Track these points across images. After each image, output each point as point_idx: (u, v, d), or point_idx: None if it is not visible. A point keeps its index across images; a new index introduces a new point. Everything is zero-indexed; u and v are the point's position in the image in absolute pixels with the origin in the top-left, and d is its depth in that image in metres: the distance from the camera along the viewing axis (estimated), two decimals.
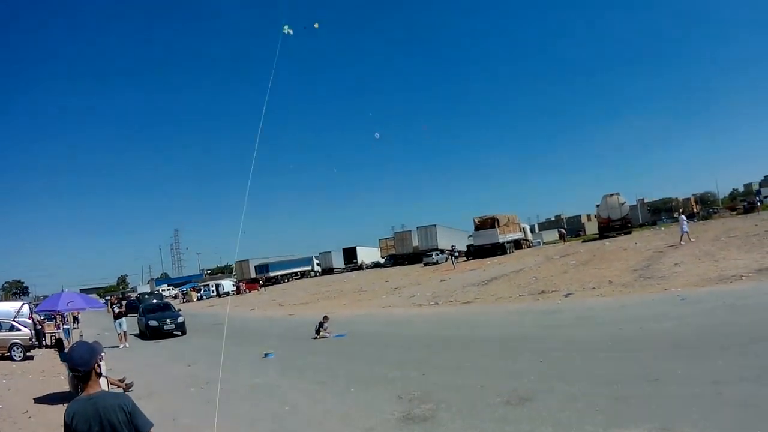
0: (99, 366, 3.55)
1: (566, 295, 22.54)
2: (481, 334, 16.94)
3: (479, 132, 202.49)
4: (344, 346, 18.55)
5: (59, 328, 30.21)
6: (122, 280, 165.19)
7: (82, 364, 3.43)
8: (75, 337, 23.40)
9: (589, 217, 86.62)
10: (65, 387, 14.45)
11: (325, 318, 21.52)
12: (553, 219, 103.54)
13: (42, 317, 30.70)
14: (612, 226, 49.98)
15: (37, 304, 38.77)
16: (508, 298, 25.04)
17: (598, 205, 51.54)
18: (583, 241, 51.71)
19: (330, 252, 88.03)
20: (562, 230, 70.31)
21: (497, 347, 14.07)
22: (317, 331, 20.92)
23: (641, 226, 59.01)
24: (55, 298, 16.77)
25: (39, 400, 14.27)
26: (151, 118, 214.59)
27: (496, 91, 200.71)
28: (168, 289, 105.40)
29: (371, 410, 9.70)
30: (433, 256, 58.98)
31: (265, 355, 17.86)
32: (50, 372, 19.60)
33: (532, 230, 63.60)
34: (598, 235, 52.58)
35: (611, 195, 50.45)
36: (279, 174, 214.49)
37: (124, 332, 26.25)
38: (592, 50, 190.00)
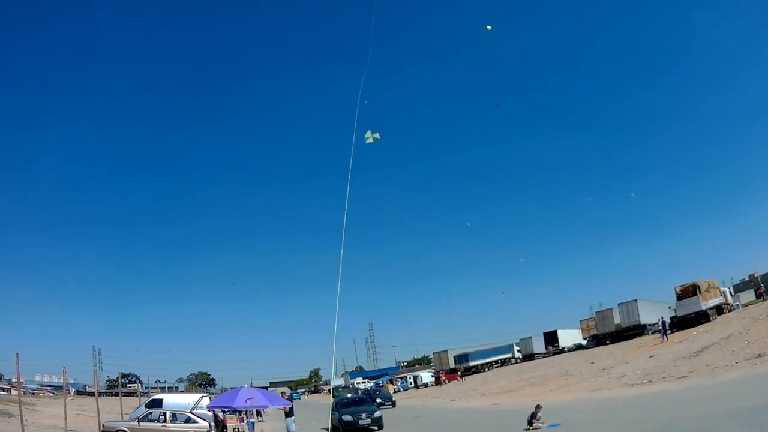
0: None
1: None
2: (707, 411, 15.68)
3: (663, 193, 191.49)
4: None
5: (243, 422, 28.96)
6: (314, 373, 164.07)
7: None
8: (257, 431, 23.31)
9: None
10: None
11: (538, 407, 20.28)
12: (746, 279, 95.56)
13: (226, 410, 30.59)
14: None
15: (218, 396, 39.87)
16: (724, 367, 23.57)
17: None
18: None
19: (530, 337, 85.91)
20: (761, 288, 65.31)
21: (733, 423, 12.98)
22: (529, 422, 19.65)
23: None
24: (233, 393, 16.12)
25: None
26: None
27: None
28: (363, 382, 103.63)
29: None
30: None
31: None
32: None
33: (730, 293, 59.55)
34: None
35: None
36: (466, 266, 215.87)
37: None
38: None
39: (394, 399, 46.89)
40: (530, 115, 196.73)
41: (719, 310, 51.53)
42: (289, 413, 24.64)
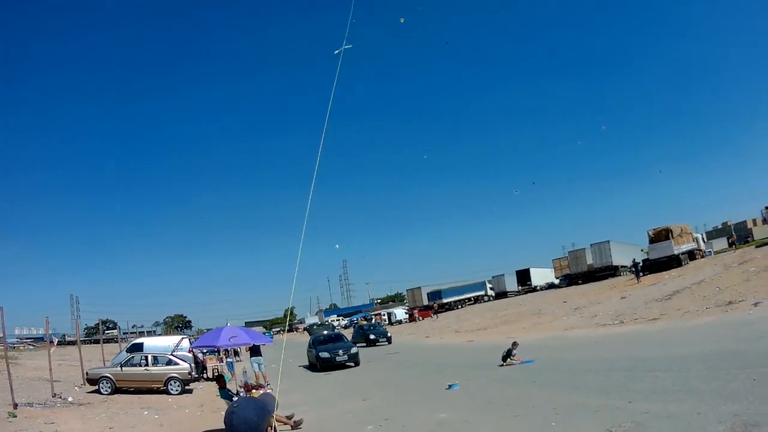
0: (274, 428, 2.86)
1: (755, 304, 21.39)
2: (679, 353, 15.75)
3: (636, 134, 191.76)
4: (535, 373, 17.11)
5: (222, 362, 29.14)
6: (290, 312, 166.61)
7: (247, 430, 2.84)
8: (238, 370, 23.05)
9: (755, 221, 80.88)
10: (221, 424, 14.31)
11: (514, 344, 20.25)
12: (719, 227, 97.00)
13: (205, 351, 30.24)
14: None
15: (197, 338, 38.09)
16: (695, 312, 23.88)
17: (766, 208, 47.98)
18: (756, 246, 48.45)
19: (503, 275, 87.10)
20: (733, 237, 66.31)
21: (701, 366, 12.98)
22: (504, 358, 19.74)
23: None
24: (216, 333, 15.98)
25: None
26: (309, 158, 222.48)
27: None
28: (338, 320, 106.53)
29: None
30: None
31: (449, 386, 16.39)
32: (209, 406, 19.33)
33: (702, 240, 60.30)
34: None
35: None
36: (447, 196, 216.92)
37: (263, 373, 23.86)
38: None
39: (389, 335, 45.08)
40: (505, 58, 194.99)
41: (691, 255, 52.21)
42: (254, 352, 24.47)
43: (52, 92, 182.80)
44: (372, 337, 43.85)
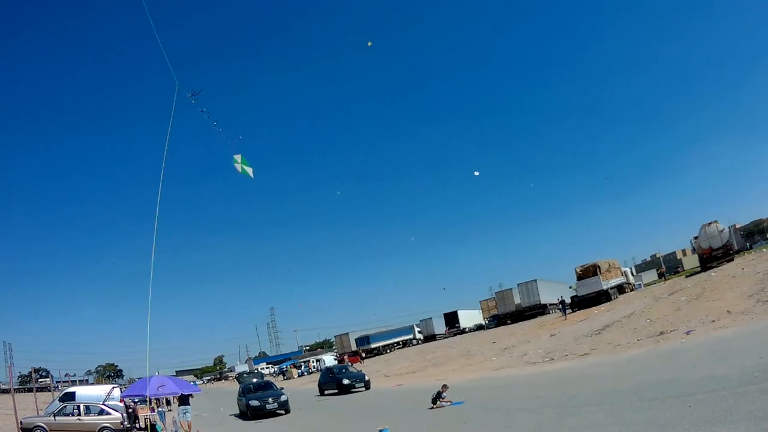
0: None
1: (687, 333, 21.32)
2: (611, 387, 15.52)
3: (561, 169, 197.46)
4: (466, 414, 16.62)
5: (153, 411, 28.05)
6: (219, 360, 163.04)
7: None
8: (168, 420, 23.53)
9: (684, 252, 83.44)
10: None
11: (444, 387, 19.85)
12: (648, 259, 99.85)
13: (136, 400, 29.42)
14: (714, 256, 46.59)
15: (128, 387, 37.64)
16: (626, 344, 23.82)
17: (695, 238, 48.31)
18: (686, 276, 49.36)
19: (431, 318, 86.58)
20: (662, 269, 67.81)
21: (634, 398, 12.77)
22: (434, 401, 19.29)
23: (737, 252, 55.58)
24: (144, 382, 16.13)
25: None
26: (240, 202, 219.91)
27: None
28: (267, 368, 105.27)
29: None
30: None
31: (380, 431, 15.89)
32: None
33: (631, 273, 61.32)
34: (699, 268, 49.18)
35: (709, 224, 46.98)
36: (372, 238, 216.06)
37: (188, 422, 22.93)
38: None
39: (368, 379, 34.36)
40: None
41: (620, 289, 52.96)
42: (182, 401, 23.32)
43: None
44: (346, 382, 33.74)
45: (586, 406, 13.39)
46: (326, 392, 34.57)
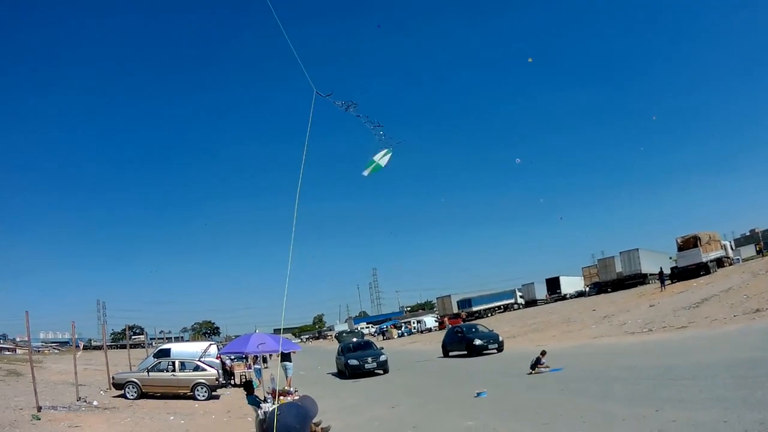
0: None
1: None
2: (706, 361, 15.60)
3: (662, 139, 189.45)
4: (564, 381, 16.91)
5: (249, 368, 28.80)
6: (319, 319, 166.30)
7: None
8: (266, 377, 22.88)
9: None
10: (249, 429, 13.88)
11: (543, 353, 20.23)
12: (747, 234, 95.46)
13: (233, 357, 29.79)
14: None
15: (225, 344, 38.33)
16: (722, 319, 23.76)
17: None
18: None
19: (533, 283, 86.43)
20: (760, 244, 65.51)
21: (728, 374, 12.90)
22: (533, 367, 19.59)
23: None
24: (245, 339, 15.78)
25: None
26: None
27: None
28: (367, 327, 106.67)
29: None
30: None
31: (478, 394, 16.06)
32: (236, 413, 19.11)
33: (731, 247, 59.57)
34: None
35: None
36: (476, 203, 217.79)
37: (289, 378, 23.62)
38: None
39: (501, 339, 31.56)
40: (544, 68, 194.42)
41: (719, 262, 51.80)
42: (285, 357, 23.86)
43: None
44: (478, 343, 30.91)
45: (681, 380, 13.47)
46: (451, 353, 33.28)
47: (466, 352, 31.16)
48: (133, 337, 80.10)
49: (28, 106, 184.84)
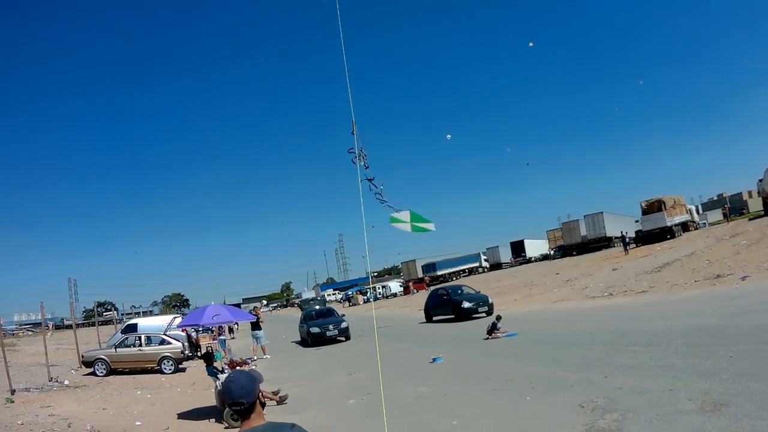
0: (263, 396, 3.08)
1: (743, 278, 20.92)
2: (662, 327, 15.45)
3: (630, 104, 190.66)
4: (518, 346, 17.22)
5: (215, 340, 27.88)
6: (287, 287, 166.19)
7: (245, 394, 2.95)
8: (232, 347, 23.96)
9: (750, 193, 79.94)
10: (213, 401, 14.17)
11: (498, 318, 20.50)
12: (715, 198, 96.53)
13: (200, 329, 30.48)
14: None
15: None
16: (683, 285, 23.53)
17: (760, 180, 45.95)
18: (749, 219, 47.68)
19: (497, 246, 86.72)
20: (726, 209, 65.97)
21: (680, 341, 12.78)
22: (489, 332, 19.78)
23: None
24: (200, 312, 16.04)
25: (183, 416, 14.10)
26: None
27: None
28: (333, 294, 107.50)
29: (549, 423, 8.72)
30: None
31: (433, 360, 16.68)
32: (200, 384, 19.40)
33: (697, 211, 59.77)
34: (763, 212, 46.79)
35: None
36: (438, 160, 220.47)
37: (262, 346, 25.30)
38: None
39: (491, 302, 28.90)
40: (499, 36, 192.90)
41: (684, 227, 51.80)
42: (255, 326, 24.99)
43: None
44: (466, 305, 28.48)
45: (634, 345, 13.56)
46: (435, 318, 31.32)
47: (453, 316, 29.08)
48: (104, 313, 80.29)
49: None
